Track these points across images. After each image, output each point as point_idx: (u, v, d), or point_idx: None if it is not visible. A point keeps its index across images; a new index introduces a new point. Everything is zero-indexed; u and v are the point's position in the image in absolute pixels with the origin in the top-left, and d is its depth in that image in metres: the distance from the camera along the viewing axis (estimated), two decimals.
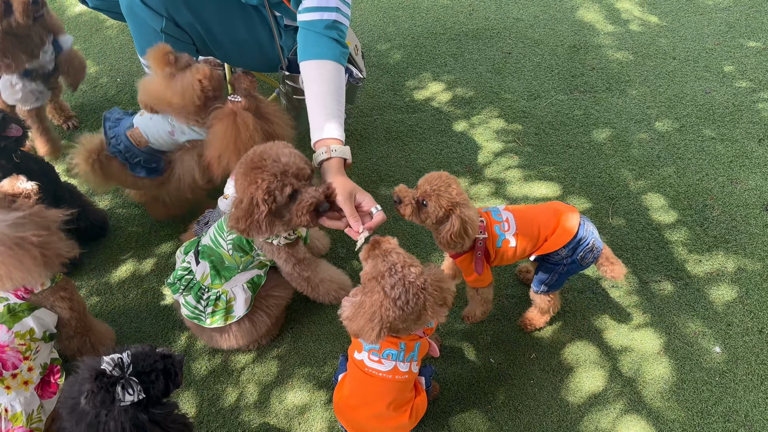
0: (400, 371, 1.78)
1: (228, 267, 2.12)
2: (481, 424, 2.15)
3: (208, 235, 2.14)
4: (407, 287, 1.56)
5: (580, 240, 2.02)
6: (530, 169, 3.00)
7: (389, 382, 1.79)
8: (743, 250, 2.67)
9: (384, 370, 1.77)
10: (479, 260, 2.03)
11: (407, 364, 1.78)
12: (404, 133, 3.17)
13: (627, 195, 2.89)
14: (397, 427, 1.90)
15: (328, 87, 2.05)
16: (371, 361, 1.79)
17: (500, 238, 2.03)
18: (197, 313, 2.11)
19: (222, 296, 2.11)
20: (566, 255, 2.03)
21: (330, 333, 2.37)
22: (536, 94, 3.40)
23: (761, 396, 2.23)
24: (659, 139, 3.17)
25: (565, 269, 2.08)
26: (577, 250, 2.02)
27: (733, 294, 2.52)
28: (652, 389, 2.24)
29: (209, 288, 2.11)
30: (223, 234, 2.08)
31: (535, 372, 2.29)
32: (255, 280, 2.17)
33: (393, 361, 1.77)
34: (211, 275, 2.10)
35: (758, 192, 2.92)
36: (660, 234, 2.73)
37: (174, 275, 2.16)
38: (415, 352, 1.80)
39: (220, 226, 2.10)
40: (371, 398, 1.83)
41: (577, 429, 2.15)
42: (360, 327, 1.61)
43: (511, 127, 3.21)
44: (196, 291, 2.10)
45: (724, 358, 2.33)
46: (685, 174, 3.00)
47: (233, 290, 2.12)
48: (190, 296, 2.10)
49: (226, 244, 2.07)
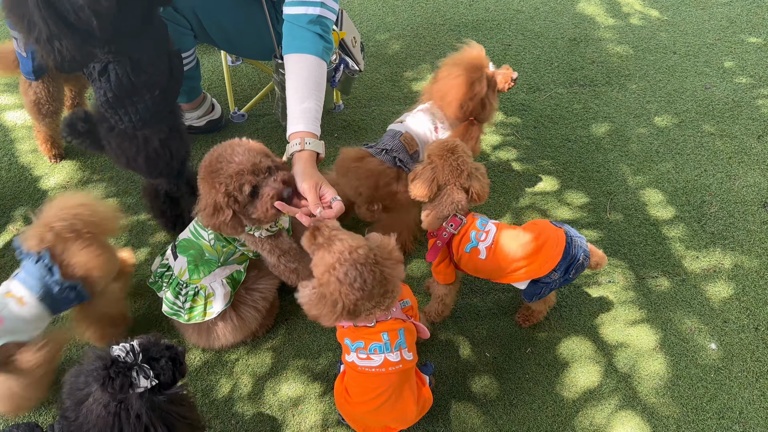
0: (391, 362, 1.76)
1: (208, 260, 2.07)
2: (476, 417, 2.15)
3: (188, 228, 2.11)
4: (360, 270, 1.57)
5: (570, 259, 1.98)
6: (528, 162, 2.98)
7: (384, 375, 1.78)
8: (740, 247, 2.67)
9: (376, 365, 1.76)
10: (436, 248, 2.05)
11: (396, 353, 1.76)
12: None
13: (625, 190, 2.88)
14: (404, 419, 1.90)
15: (306, 81, 2.05)
16: (361, 360, 1.78)
17: (471, 244, 2.01)
18: (176, 309, 2.08)
19: (200, 291, 2.07)
20: (558, 277, 2.01)
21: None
22: (536, 87, 3.38)
23: (756, 393, 2.23)
24: (658, 134, 3.16)
25: (557, 284, 2.07)
26: (569, 269, 2.00)
27: (730, 291, 2.52)
28: (647, 385, 2.24)
29: (187, 283, 2.07)
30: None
31: (531, 367, 2.29)
32: (235, 276, 2.13)
33: (381, 354, 1.76)
34: (189, 270, 2.05)
35: (756, 189, 2.91)
36: (657, 230, 2.72)
37: (155, 274, 2.13)
38: (401, 340, 1.77)
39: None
40: (372, 394, 1.82)
41: (571, 424, 2.14)
42: (320, 313, 1.65)
43: (509, 120, 3.19)
44: (174, 286, 2.06)
45: (720, 354, 2.33)
46: (684, 170, 2.99)
47: (211, 285, 2.08)
48: (168, 292, 2.07)
49: (207, 235, 2.05)
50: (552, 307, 2.35)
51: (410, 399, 1.86)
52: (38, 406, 2.09)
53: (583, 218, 2.74)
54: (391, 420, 1.91)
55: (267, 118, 3.14)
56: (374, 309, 1.67)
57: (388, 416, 1.88)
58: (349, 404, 1.90)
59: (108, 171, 2.84)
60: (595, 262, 2.07)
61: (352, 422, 1.99)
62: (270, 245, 2.07)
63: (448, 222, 2.01)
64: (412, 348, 1.84)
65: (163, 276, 2.11)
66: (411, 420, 1.93)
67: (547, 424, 2.14)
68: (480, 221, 2.04)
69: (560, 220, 2.73)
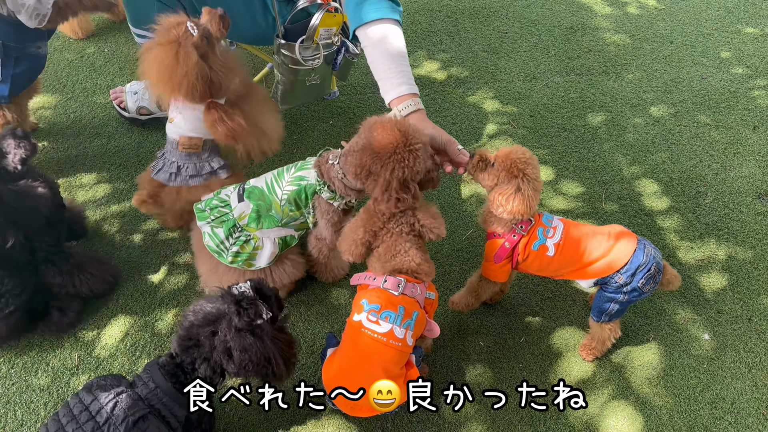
0: (395, 336, 1.76)
1: (271, 216, 2.06)
2: (469, 407, 2.14)
3: (264, 178, 2.08)
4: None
5: (639, 266, 1.92)
6: None
7: (383, 345, 1.77)
8: (735, 238, 2.67)
9: (381, 331, 1.76)
10: (504, 250, 1.99)
11: (403, 330, 1.76)
12: None
13: (620, 180, 2.87)
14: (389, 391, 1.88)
15: (396, 46, 2.17)
16: (369, 321, 1.78)
17: (539, 241, 1.96)
18: (221, 248, 2.07)
19: (251, 241, 2.07)
20: (625, 282, 1.94)
21: (319, 314, 2.35)
22: (532, 76, 3.36)
23: (748, 384, 2.24)
24: (654, 124, 3.15)
25: (626, 297, 1.99)
26: (637, 276, 1.93)
27: (724, 282, 2.52)
28: (640, 375, 2.25)
29: (243, 228, 2.07)
30: (281, 182, 2.04)
31: (525, 356, 2.29)
32: (287, 240, 2.14)
33: (390, 324, 1.76)
34: (250, 217, 2.05)
35: (751, 180, 2.91)
36: (652, 220, 2.72)
37: (207, 202, 2.09)
38: (411, 320, 1.78)
39: (280, 173, 2.07)
40: (363, 360, 1.81)
41: (564, 413, 2.15)
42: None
43: (506, 109, 3.17)
44: (229, 227, 2.05)
45: (713, 345, 2.34)
46: (679, 160, 2.98)
47: (263, 240, 2.09)
48: (220, 229, 2.06)
49: (281, 194, 2.03)
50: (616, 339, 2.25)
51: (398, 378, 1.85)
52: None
53: (578, 208, 2.73)
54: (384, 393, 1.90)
55: None
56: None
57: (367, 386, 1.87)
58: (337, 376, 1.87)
59: (100, 157, 2.81)
60: (667, 280, 2.01)
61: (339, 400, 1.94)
62: (338, 217, 2.09)
63: (519, 223, 1.97)
64: (416, 336, 1.85)
65: (215, 209, 2.07)
66: (399, 399, 1.91)
67: (540, 413, 2.14)
68: (545, 217, 2.00)
69: (555, 210, 2.72)
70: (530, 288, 2.46)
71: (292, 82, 2.54)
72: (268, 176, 2.10)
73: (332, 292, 2.41)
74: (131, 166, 2.78)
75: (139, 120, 2.89)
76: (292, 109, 3.08)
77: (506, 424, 2.11)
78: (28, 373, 2.13)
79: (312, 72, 2.49)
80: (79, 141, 2.87)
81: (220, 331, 1.59)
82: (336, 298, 2.40)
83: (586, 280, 2.06)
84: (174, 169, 2.28)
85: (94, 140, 2.88)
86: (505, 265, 2.06)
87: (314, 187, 2.03)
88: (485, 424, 2.11)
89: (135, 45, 3.31)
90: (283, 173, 2.08)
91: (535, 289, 2.46)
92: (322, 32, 2.38)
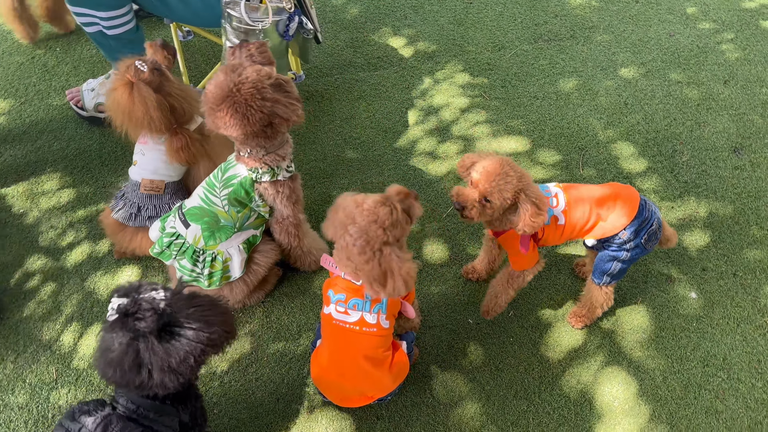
0: (367, 323, 1.73)
1: (224, 226, 2.03)
2: (462, 385, 2.11)
3: (196, 195, 2.04)
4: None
5: (644, 221, 1.88)
6: (498, 123, 2.92)
7: (358, 334, 1.74)
8: (714, 194, 2.66)
9: (351, 321, 1.73)
10: (526, 237, 1.90)
11: (374, 315, 1.73)
12: (367, 92, 3.04)
13: (596, 145, 2.84)
14: (380, 386, 1.85)
15: None
16: (338, 313, 1.75)
17: (548, 214, 1.89)
18: (195, 276, 2.07)
19: (218, 257, 2.06)
20: (629, 239, 1.89)
21: (303, 305, 2.29)
22: (500, 45, 3.30)
23: (738, 339, 2.24)
24: (626, 85, 3.12)
25: (629, 255, 1.94)
26: (641, 232, 1.88)
27: (707, 239, 2.51)
28: (631, 339, 2.23)
29: (203, 250, 2.05)
30: (214, 191, 2.00)
31: (514, 330, 2.26)
32: (251, 240, 2.13)
33: (359, 312, 1.72)
34: (205, 237, 2.03)
35: (726, 134, 2.90)
36: (631, 182, 2.70)
37: (159, 244, 2.07)
38: (383, 305, 1.74)
39: (210, 184, 2.02)
40: (344, 352, 1.78)
41: (558, 384, 2.13)
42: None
43: (476, 81, 3.11)
44: (190, 254, 2.04)
45: (701, 303, 2.33)
46: (653, 120, 2.96)
47: (229, 251, 2.07)
48: (184, 260, 2.04)
49: (220, 201, 2.00)
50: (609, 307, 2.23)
51: (384, 365, 1.82)
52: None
53: (556, 176, 2.70)
54: (368, 386, 1.86)
55: None
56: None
57: (364, 382, 1.83)
58: (323, 372, 1.85)
59: (61, 161, 2.69)
60: (666, 238, 1.97)
61: (329, 393, 1.93)
62: (290, 189, 2.04)
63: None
64: (391, 318, 1.80)
65: (171, 245, 2.05)
66: (388, 386, 1.87)
67: (534, 385, 2.12)
68: (541, 188, 1.91)
69: (534, 180, 2.68)
70: None
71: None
72: (199, 191, 2.05)
73: (315, 281, 2.35)
74: (95, 169, 2.67)
75: (98, 118, 2.78)
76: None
77: (501, 400, 2.09)
78: (4, 392, 2.05)
79: (262, 36, 2.39)
80: (38, 146, 2.75)
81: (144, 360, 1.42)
82: (319, 287, 2.34)
83: (592, 239, 2.02)
84: (134, 210, 2.22)
85: (53, 144, 2.76)
86: (533, 249, 1.97)
87: (248, 179, 1.98)
88: (480, 402, 2.08)
89: (87, 42, 3.18)
90: (212, 183, 2.03)
91: None
92: None
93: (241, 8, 2.28)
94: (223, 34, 2.48)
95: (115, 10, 2.41)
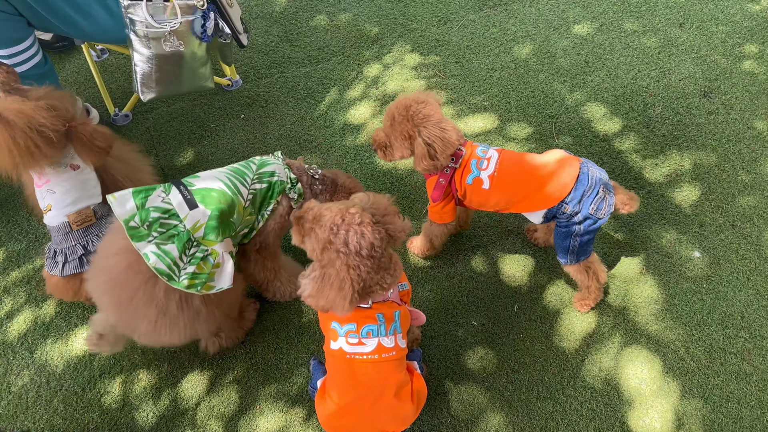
0: (385, 347, 1.53)
1: (231, 224, 1.71)
2: (480, 396, 1.93)
3: (214, 179, 1.72)
4: (361, 233, 1.36)
5: (585, 191, 1.75)
6: (460, 102, 2.72)
7: (378, 363, 1.54)
8: (694, 144, 2.55)
9: (368, 351, 1.53)
10: (440, 186, 1.87)
11: (391, 338, 1.54)
12: (314, 88, 2.78)
13: (566, 110, 2.68)
14: (402, 418, 1.63)
15: None
16: (351, 345, 1.53)
17: (472, 174, 1.80)
18: (172, 271, 1.62)
19: (209, 257, 1.67)
20: (574, 211, 1.77)
21: (289, 338, 2.05)
22: (445, 18, 3.09)
23: (751, 293, 2.13)
24: (583, 43, 2.96)
25: (582, 228, 1.80)
26: (584, 203, 1.76)
27: (697, 192, 2.40)
28: (644, 313, 2.09)
29: (198, 243, 1.67)
30: (245, 180, 1.76)
31: (522, 324, 2.08)
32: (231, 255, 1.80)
33: (375, 338, 1.52)
34: (208, 227, 1.65)
35: (692, 79, 2.79)
36: (609, 145, 2.55)
37: (141, 216, 1.61)
38: (396, 323, 1.56)
39: (239, 172, 1.77)
40: (363, 386, 1.55)
41: (581, 376, 1.97)
42: (330, 299, 1.38)
43: (428, 60, 2.89)
44: (183, 241, 1.63)
45: (706, 261, 2.21)
46: (618, 75, 2.82)
47: (224, 255, 1.70)
48: (172, 245, 1.62)
49: (247, 193, 1.75)
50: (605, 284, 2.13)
51: (406, 394, 1.61)
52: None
53: (532, 150, 2.52)
54: (389, 420, 1.64)
55: (156, 111, 2.69)
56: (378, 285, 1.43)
57: (386, 417, 1.61)
58: (339, 413, 1.61)
59: None
60: (622, 202, 1.82)
61: None
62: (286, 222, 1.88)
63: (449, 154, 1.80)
64: (406, 336, 1.62)
65: (156, 223, 1.62)
66: (410, 417, 1.67)
67: (556, 382, 1.96)
68: (480, 149, 1.84)
69: None
70: (506, 248, 2.25)
71: (150, 58, 2.16)
72: (221, 176, 1.74)
73: (295, 309, 2.11)
74: (22, 221, 2.33)
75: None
76: (195, 112, 2.68)
77: (524, 405, 1.91)
78: None
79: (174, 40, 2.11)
80: None
81: None
82: (303, 315, 2.10)
83: (533, 212, 1.88)
84: (80, 252, 1.88)
85: None
86: (447, 204, 1.91)
87: (284, 184, 1.81)
88: (502, 411, 1.90)
89: None
90: (242, 171, 1.77)
91: (512, 248, 2.25)
92: None
93: (142, 9, 1.98)
94: (129, 46, 2.17)
95: (16, 45, 2.08)
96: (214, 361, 1.99)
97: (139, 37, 2.09)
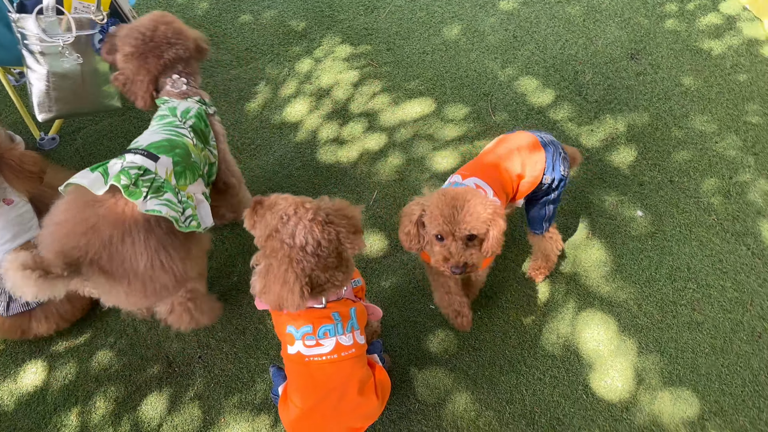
0: (344, 346, 1.52)
1: (194, 164, 1.72)
2: (445, 378, 1.93)
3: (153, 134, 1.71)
4: (309, 228, 1.34)
5: (554, 159, 1.80)
6: (395, 90, 2.70)
7: (337, 362, 1.52)
8: (626, 106, 2.60)
9: (326, 351, 1.51)
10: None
11: (349, 335, 1.53)
12: (246, 90, 2.72)
13: (500, 87, 2.70)
14: (368, 414, 1.62)
15: None
16: (308, 348, 1.50)
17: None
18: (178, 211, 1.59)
19: (188, 200, 1.66)
20: (551, 180, 1.80)
21: (247, 346, 2.01)
22: (372, 6, 3.06)
23: (695, 245, 2.19)
24: (509, 18, 2.99)
25: (556, 193, 1.86)
26: (556, 168, 1.80)
27: (634, 153, 2.45)
28: (595, 276, 2.13)
29: (177, 189, 1.63)
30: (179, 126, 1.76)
31: (479, 301, 2.09)
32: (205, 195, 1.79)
33: (333, 338, 1.50)
34: (176, 172, 1.64)
35: (619, 43, 2.85)
36: (545, 116, 2.58)
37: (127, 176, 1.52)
38: (353, 320, 1.54)
39: (170, 122, 1.76)
40: (323, 387, 1.53)
41: (540, 345, 1.99)
42: (277, 294, 1.33)
43: (359, 50, 2.87)
44: (171, 188, 1.59)
45: (649, 219, 2.26)
46: (546, 47, 2.85)
47: (196, 196, 1.72)
48: (169, 194, 1.58)
49: (188, 133, 1.76)
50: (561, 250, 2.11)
51: (369, 389, 1.59)
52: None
53: (471, 129, 2.53)
54: (356, 418, 1.63)
55: (84, 131, 2.59)
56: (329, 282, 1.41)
57: (351, 415, 1.60)
58: (302, 417, 1.58)
59: None
60: (572, 157, 1.90)
61: None
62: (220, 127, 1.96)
63: None
64: (364, 331, 1.60)
65: (138, 180, 1.54)
66: (376, 412, 1.66)
67: (517, 353, 1.98)
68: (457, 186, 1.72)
69: (449, 139, 2.50)
70: None
71: (45, 75, 2.04)
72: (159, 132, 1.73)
73: (250, 316, 2.07)
74: None
75: None
76: (125, 127, 2.60)
77: (488, 381, 1.92)
78: None
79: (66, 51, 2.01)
80: None
81: None
82: (259, 320, 2.06)
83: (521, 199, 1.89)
84: None
85: None
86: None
87: (202, 108, 1.85)
88: (468, 390, 1.91)
89: None
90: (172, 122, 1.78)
91: None
92: (75, 3, 1.94)
93: (33, 23, 1.89)
94: (23, 63, 2.06)
95: None
96: (171, 379, 1.94)
97: (32, 53, 1.98)
